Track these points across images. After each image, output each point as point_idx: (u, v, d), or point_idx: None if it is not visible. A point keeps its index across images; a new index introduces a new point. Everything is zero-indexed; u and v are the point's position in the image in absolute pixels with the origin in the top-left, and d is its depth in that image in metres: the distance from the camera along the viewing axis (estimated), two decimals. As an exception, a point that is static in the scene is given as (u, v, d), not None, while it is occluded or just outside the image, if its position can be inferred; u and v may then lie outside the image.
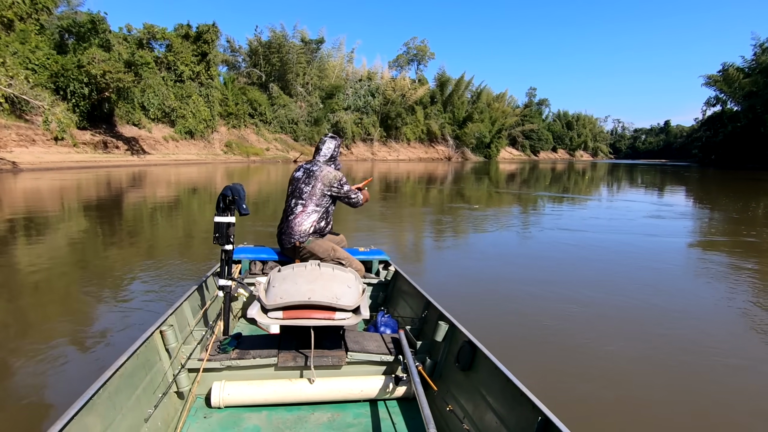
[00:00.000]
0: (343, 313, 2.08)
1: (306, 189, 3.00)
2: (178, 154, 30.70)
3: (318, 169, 3.04)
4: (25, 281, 4.60)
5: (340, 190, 3.06)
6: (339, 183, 3.05)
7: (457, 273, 5.39)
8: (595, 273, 5.51)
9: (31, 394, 2.50)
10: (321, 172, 3.02)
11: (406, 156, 56.23)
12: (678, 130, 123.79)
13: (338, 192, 3.06)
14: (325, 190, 3.01)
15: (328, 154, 3.13)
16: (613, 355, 3.20)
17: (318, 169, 3.03)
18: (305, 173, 3.05)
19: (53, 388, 2.56)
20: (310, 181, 3.01)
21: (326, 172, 3.03)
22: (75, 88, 24.06)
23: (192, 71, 33.82)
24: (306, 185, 3.00)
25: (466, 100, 68.49)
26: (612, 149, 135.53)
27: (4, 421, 2.25)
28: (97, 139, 25.56)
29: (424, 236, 7.99)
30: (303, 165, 3.14)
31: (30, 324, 3.50)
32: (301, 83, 46.85)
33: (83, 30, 25.88)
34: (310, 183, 3.00)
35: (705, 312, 4.21)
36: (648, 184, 24.23)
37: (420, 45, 63.13)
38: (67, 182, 15.11)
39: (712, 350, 3.34)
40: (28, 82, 20.07)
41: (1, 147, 19.77)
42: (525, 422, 1.51)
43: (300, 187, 3.01)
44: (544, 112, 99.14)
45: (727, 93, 53.48)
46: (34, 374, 2.68)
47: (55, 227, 7.40)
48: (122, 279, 4.64)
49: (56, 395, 2.46)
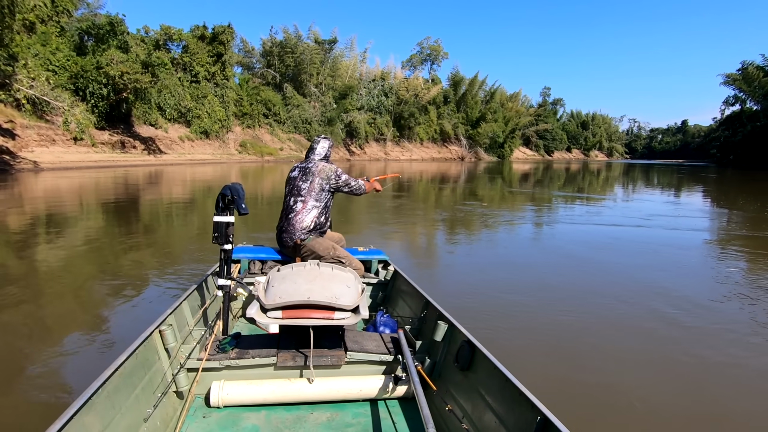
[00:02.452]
0: (343, 312, 2.08)
1: (304, 186, 3.06)
2: (193, 154, 31.11)
3: (314, 165, 3.12)
4: (45, 275, 4.75)
5: (338, 180, 3.12)
6: (336, 174, 3.11)
7: (469, 274, 5.41)
8: (610, 276, 5.49)
9: (42, 381, 2.58)
10: (317, 168, 3.10)
11: (419, 156, 56.13)
12: (695, 130, 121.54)
13: (337, 182, 3.12)
14: (324, 184, 3.07)
15: (323, 153, 3.21)
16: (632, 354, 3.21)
17: (314, 166, 3.11)
18: (301, 171, 3.11)
19: (69, 374, 2.66)
20: (308, 177, 3.07)
21: (322, 167, 3.11)
22: (94, 89, 24.54)
23: (207, 72, 34.26)
24: (304, 182, 3.07)
25: (479, 100, 68.08)
26: (627, 149, 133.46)
27: (7, 408, 2.35)
28: (115, 139, 26.04)
29: (435, 236, 8.01)
30: (298, 165, 3.20)
31: (46, 317, 3.62)
32: (315, 83, 47.08)
33: (102, 32, 26.39)
34: (308, 179, 3.07)
35: (724, 321, 4.18)
36: (665, 184, 23.85)
37: (433, 45, 62.99)
38: (85, 181, 15.43)
39: (724, 356, 3.33)
40: (48, 84, 20.55)
41: (23, 147, 20.26)
42: (524, 422, 1.51)
43: (298, 185, 3.07)
44: (559, 111, 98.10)
45: (747, 92, 52.26)
46: (49, 362, 2.78)
47: (72, 224, 7.60)
48: (136, 274, 4.76)
49: (71, 379, 2.56)
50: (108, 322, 3.56)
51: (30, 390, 2.56)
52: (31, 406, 2.41)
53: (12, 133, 20.44)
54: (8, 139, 19.98)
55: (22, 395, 2.52)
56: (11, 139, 20.12)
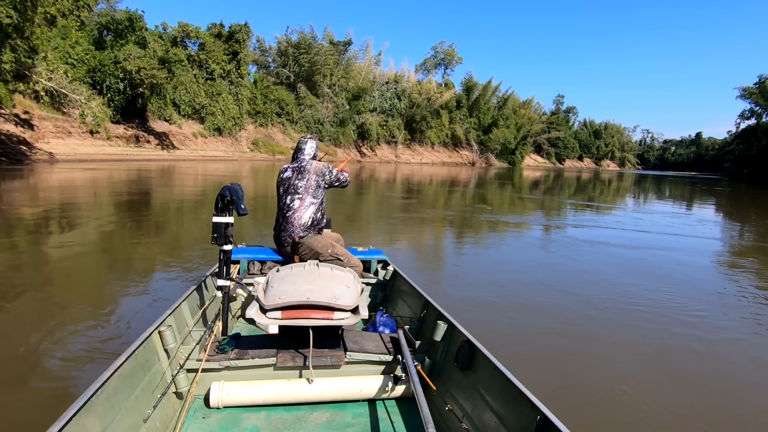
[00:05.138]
0: (342, 312, 2.07)
1: (301, 184, 3.11)
2: (206, 150, 31.43)
3: (307, 164, 3.19)
4: (57, 262, 4.85)
5: (331, 175, 3.22)
6: (329, 170, 3.22)
7: (481, 278, 5.42)
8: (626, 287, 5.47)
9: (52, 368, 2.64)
10: (311, 166, 3.17)
11: (429, 159, 56.10)
12: (710, 143, 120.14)
13: (330, 177, 3.21)
14: (320, 180, 3.15)
15: (312, 153, 3.29)
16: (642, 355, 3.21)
17: (308, 164, 3.18)
18: (296, 171, 3.17)
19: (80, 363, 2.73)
20: (304, 175, 3.13)
21: (316, 164, 3.20)
22: (111, 83, 24.93)
23: (223, 70, 34.63)
24: (300, 180, 3.12)
25: (492, 106, 67.99)
26: (640, 160, 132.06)
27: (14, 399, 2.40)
28: (130, 133, 26.40)
29: (444, 239, 8.02)
30: (289, 165, 3.25)
31: (54, 304, 3.70)
32: (328, 84, 47.34)
33: (121, 27, 26.85)
34: (304, 177, 3.13)
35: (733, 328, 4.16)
36: (677, 196, 23.59)
37: (448, 49, 63.12)
38: (99, 173, 15.66)
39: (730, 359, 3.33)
40: (66, 76, 20.91)
41: (40, 138, 20.63)
42: (524, 421, 1.51)
43: (294, 184, 3.12)
44: (572, 119, 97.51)
45: (763, 106, 51.73)
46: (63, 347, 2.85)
47: (84, 215, 7.71)
48: (144, 267, 4.83)
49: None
50: (112, 315, 3.61)
51: (37, 381, 2.62)
52: (36, 395, 2.45)
53: (30, 123, 20.82)
54: (26, 129, 20.35)
55: (27, 386, 2.56)
56: (29, 129, 20.50)
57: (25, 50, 17.70)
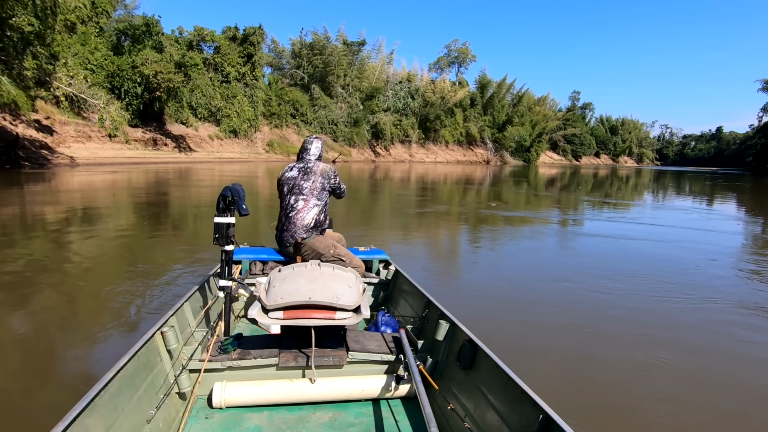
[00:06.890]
0: (344, 312, 2.08)
1: (306, 185, 3.11)
2: (222, 152, 31.83)
3: (313, 165, 3.18)
4: (79, 261, 4.98)
5: (335, 181, 3.22)
6: (334, 174, 3.22)
7: (493, 283, 5.40)
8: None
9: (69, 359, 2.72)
10: (317, 167, 3.17)
11: (443, 158, 55.89)
12: (731, 137, 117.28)
13: (334, 183, 3.21)
14: (325, 183, 3.14)
15: (317, 153, 3.27)
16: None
17: (314, 165, 3.17)
18: (302, 171, 3.16)
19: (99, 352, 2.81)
20: (309, 176, 3.13)
21: (322, 166, 3.19)
22: (129, 88, 25.41)
23: (238, 72, 35.04)
24: (305, 181, 3.12)
25: (506, 103, 67.40)
26: (658, 155, 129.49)
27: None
28: (148, 137, 26.89)
29: (458, 236, 8.00)
30: (294, 165, 3.24)
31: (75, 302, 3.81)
32: (342, 84, 47.52)
33: (138, 32, 27.33)
34: (310, 178, 3.12)
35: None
36: (696, 192, 23.10)
37: (461, 47, 62.70)
38: (119, 176, 15.99)
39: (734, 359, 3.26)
40: (86, 82, 21.40)
41: (61, 143, 21.13)
42: (526, 420, 1.50)
43: (299, 184, 3.12)
44: (588, 116, 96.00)
45: (787, 99, 50.27)
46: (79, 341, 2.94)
47: (104, 217, 7.90)
48: (161, 267, 4.93)
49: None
50: (127, 313, 3.70)
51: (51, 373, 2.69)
52: (40, 392, 2.51)
53: (51, 129, 21.35)
54: (47, 135, 20.87)
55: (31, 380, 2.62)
56: (50, 135, 21.02)
57: (46, 57, 18.15)
